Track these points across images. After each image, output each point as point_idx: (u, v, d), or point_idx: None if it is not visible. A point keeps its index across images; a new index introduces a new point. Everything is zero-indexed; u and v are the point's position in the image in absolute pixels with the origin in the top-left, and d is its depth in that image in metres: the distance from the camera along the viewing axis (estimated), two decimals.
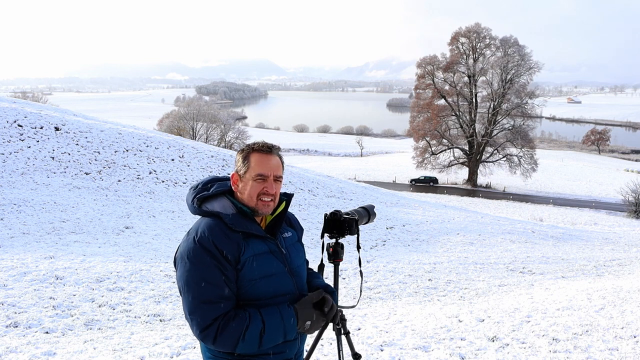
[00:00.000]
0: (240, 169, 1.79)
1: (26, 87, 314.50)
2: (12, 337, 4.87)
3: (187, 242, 1.68)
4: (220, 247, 1.63)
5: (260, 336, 1.61)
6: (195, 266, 1.62)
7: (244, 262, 1.67)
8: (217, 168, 18.79)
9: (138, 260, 8.59)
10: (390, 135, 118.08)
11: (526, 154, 46.16)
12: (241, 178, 1.79)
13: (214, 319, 1.58)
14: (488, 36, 48.30)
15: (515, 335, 5.01)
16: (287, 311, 1.68)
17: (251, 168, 1.77)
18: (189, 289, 1.62)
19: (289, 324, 1.67)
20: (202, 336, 1.60)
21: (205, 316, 1.58)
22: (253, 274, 1.68)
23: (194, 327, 1.61)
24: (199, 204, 1.77)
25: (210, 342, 1.60)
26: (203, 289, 1.60)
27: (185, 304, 1.63)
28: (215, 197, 1.79)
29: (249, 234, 1.71)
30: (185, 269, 1.64)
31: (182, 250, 1.68)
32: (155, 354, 4.45)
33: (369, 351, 4.52)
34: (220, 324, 1.58)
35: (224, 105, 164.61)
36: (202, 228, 1.69)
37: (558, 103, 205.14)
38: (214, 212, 1.73)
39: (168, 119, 56.08)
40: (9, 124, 15.95)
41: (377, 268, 10.04)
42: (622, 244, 16.72)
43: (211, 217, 1.73)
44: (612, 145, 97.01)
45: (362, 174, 50.53)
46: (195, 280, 1.61)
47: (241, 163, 1.79)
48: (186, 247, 1.66)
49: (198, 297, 1.60)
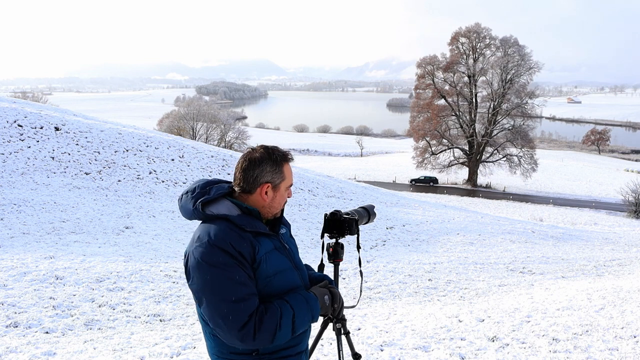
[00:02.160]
0: (275, 180, 1.78)
1: (26, 87, 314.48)
2: (12, 337, 4.87)
3: (201, 248, 1.62)
4: (238, 247, 1.63)
5: (292, 323, 1.65)
6: (218, 268, 1.59)
7: (259, 261, 1.68)
8: (217, 168, 18.79)
9: (138, 260, 8.59)
10: (390, 135, 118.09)
11: (526, 154, 46.16)
12: (274, 188, 1.78)
13: (249, 316, 1.58)
14: (488, 36, 48.31)
15: (515, 335, 5.01)
16: (308, 294, 1.75)
17: (286, 179, 1.81)
18: (216, 292, 1.58)
19: (314, 305, 1.74)
20: (240, 335, 1.56)
21: (240, 314, 1.57)
22: (268, 272, 1.70)
23: (230, 329, 1.57)
24: (202, 208, 1.74)
25: (250, 339, 1.57)
26: (232, 288, 1.58)
27: (213, 310, 1.59)
28: (217, 201, 1.76)
29: (258, 233, 1.72)
30: (207, 275, 1.59)
31: (198, 257, 1.62)
32: (155, 354, 4.45)
33: (369, 351, 4.52)
34: (255, 320, 1.58)
35: (224, 105, 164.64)
36: (214, 232, 1.65)
37: (558, 103, 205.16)
38: (221, 215, 1.71)
39: (168, 119, 56.11)
40: (9, 124, 15.95)
41: (377, 268, 10.04)
42: (622, 244, 16.72)
43: (219, 220, 1.70)
44: (612, 145, 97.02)
45: (362, 174, 50.54)
46: (222, 282, 1.59)
47: (275, 174, 1.78)
48: (203, 253, 1.61)
49: (229, 298, 1.57)
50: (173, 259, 9.12)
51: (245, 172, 1.77)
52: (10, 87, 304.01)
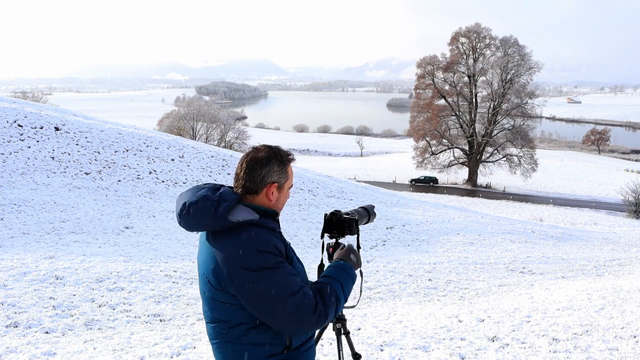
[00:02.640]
0: (281, 179, 1.79)
1: (26, 87, 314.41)
2: (12, 337, 4.87)
3: (252, 258, 1.60)
4: (279, 248, 1.67)
5: (343, 291, 1.76)
6: (274, 270, 1.61)
7: (290, 257, 1.75)
8: (217, 168, 18.78)
9: (138, 260, 8.59)
10: (390, 135, 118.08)
11: (526, 154, 46.16)
12: (279, 188, 1.79)
13: (313, 297, 1.65)
14: (488, 36, 48.31)
15: (515, 335, 5.01)
16: (339, 263, 1.85)
17: (289, 179, 1.83)
18: (282, 291, 1.60)
19: (350, 269, 1.84)
20: (316, 317, 1.63)
21: (308, 300, 1.63)
22: (295, 266, 1.76)
23: (306, 316, 1.61)
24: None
25: (324, 317, 1.65)
26: (293, 282, 1.63)
27: (285, 308, 1.60)
28: (234, 206, 1.72)
29: (278, 232, 1.77)
30: (268, 279, 1.60)
31: (252, 267, 1.60)
32: (155, 354, 4.45)
33: (369, 351, 4.52)
34: (319, 300, 1.66)
35: (224, 105, 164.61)
36: (255, 238, 1.64)
37: (558, 103, 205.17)
38: (248, 220, 1.68)
39: (168, 119, 56.12)
40: (9, 124, 15.95)
41: (377, 268, 10.04)
42: (622, 244, 16.72)
43: (249, 227, 1.67)
44: (612, 145, 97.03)
45: (362, 174, 50.54)
46: (284, 280, 1.61)
47: (282, 174, 1.79)
48: (256, 261, 1.60)
49: (295, 291, 1.61)
50: (173, 259, 9.13)
51: (252, 171, 1.75)
52: (10, 87, 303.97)
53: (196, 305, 6.48)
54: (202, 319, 5.89)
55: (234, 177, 1.82)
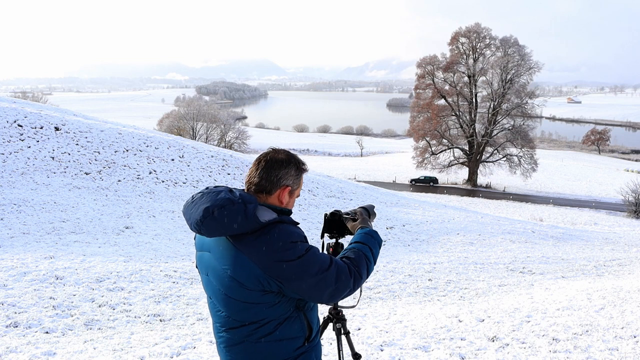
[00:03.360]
0: (294, 185, 1.85)
1: (26, 87, 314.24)
2: (12, 337, 4.87)
3: (290, 250, 1.67)
4: (304, 236, 1.77)
5: (372, 254, 1.90)
6: (309, 253, 1.70)
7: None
8: (217, 168, 18.79)
9: (138, 260, 8.59)
10: (390, 135, 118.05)
11: (526, 154, 46.16)
12: (291, 193, 1.85)
13: (347, 265, 1.78)
14: (488, 36, 48.31)
15: (515, 335, 5.01)
16: (362, 229, 2.01)
17: (301, 185, 1.91)
18: (320, 269, 1.70)
19: (375, 234, 2.00)
20: (353, 280, 1.76)
21: (342, 268, 1.75)
22: None
23: (344, 283, 1.73)
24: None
25: (359, 279, 1.79)
26: (324, 258, 1.74)
27: (325, 282, 1.70)
28: (257, 208, 1.77)
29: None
30: (305, 264, 1.68)
31: (293, 257, 1.67)
32: (155, 354, 4.45)
33: (369, 351, 4.52)
34: (350, 265, 1.80)
35: (224, 105, 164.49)
36: (286, 233, 1.71)
37: (558, 103, 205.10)
38: (274, 219, 1.72)
39: (168, 119, 56.13)
40: (9, 124, 15.95)
41: (377, 268, 10.04)
42: (622, 244, 16.72)
43: (276, 225, 1.71)
44: (612, 145, 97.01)
45: (362, 174, 50.53)
46: (318, 258, 1.72)
47: (296, 180, 1.85)
48: (289, 254, 1.67)
49: (328, 264, 1.72)
50: (173, 259, 9.13)
51: (270, 170, 1.77)
52: (10, 87, 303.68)
53: (196, 305, 6.48)
54: (202, 319, 5.89)
55: (248, 175, 1.82)
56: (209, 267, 1.80)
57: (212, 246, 1.79)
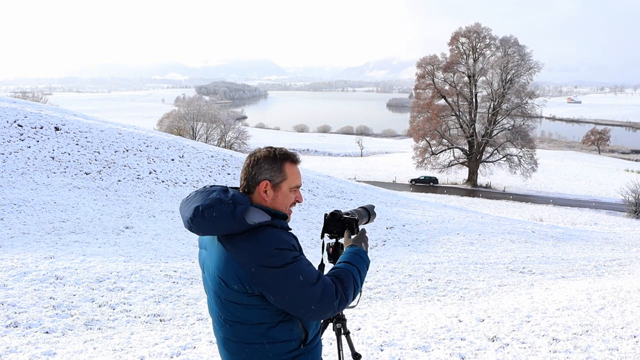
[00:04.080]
0: (275, 178, 1.76)
1: (26, 87, 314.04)
2: (12, 337, 4.87)
3: (273, 257, 1.62)
4: (294, 244, 1.71)
5: (360, 276, 1.82)
6: (295, 264, 1.65)
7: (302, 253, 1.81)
8: (217, 168, 18.79)
9: (138, 260, 8.59)
10: (390, 135, 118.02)
11: (526, 154, 46.16)
12: (274, 187, 1.77)
13: (333, 284, 1.71)
14: (488, 36, 48.31)
15: (515, 335, 5.01)
16: (352, 248, 1.91)
17: (289, 179, 1.78)
18: (304, 282, 1.64)
19: (364, 255, 1.91)
20: (338, 302, 1.69)
21: (329, 286, 1.69)
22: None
23: (328, 302, 1.67)
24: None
25: (344, 301, 1.72)
26: (312, 271, 1.68)
27: (308, 297, 1.64)
28: (248, 209, 1.72)
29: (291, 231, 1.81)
30: (291, 274, 1.63)
31: (276, 265, 1.62)
32: (155, 354, 4.45)
33: (369, 351, 4.52)
34: (338, 285, 1.72)
35: (224, 105, 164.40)
36: (274, 238, 1.66)
37: (558, 103, 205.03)
38: (264, 222, 1.69)
39: (168, 119, 56.13)
40: (9, 124, 15.95)
41: (377, 268, 10.04)
42: (622, 244, 16.72)
43: (265, 228, 1.68)
44: (612, 145, 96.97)
45: (362, 174, 50.53)
46: (305, 270, 1.66)
47: (275, 172, 1.76)
48: (278, 260, 1.62)
49: (315, 279, 1.67)
50: (173, 259, 9.13)
51: (247, 170, 1.77)
52: (10, 87, 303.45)
53: (196, 305, 6.48)
54: (202, 319, 5.89)
55: (240, 178, 1.85)
56: (205, 265, 1.83)
57: (208, 244, 1.81)
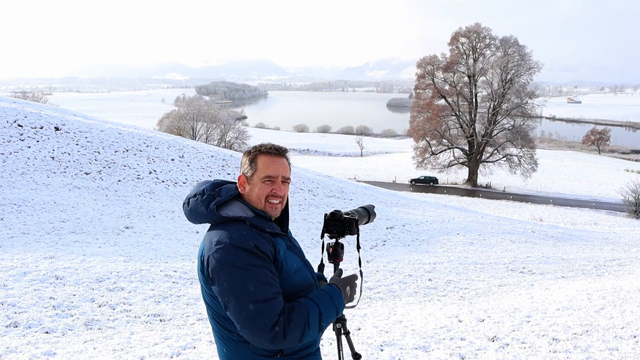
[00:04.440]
0: (247, 171, 1.77)
1: (26, 87, 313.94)
2: (12, 337, 4.87)
3: (224, 251, 1.59)
4: (262, 248, 1.62)
5: (320, 319, 1.64)
6: (243, 270, 1.56)
7: (280, 261, 1.69)
8: (217, 168, 18.79)
9: (138, 260, 8.59)
10: (390, 135, 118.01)
11: (526, 154, 46.16)
12: (248, 180, 1.77)
13: (278, 314, 1.56)
14: (488, 36, 48.30)
15: (515, 335, 5.01)
16: (331, 289, 1.75)
17: (259, 170, 1.75)
18: (243, 294, 1.55)
19: (338, 300, 1.75)
20: (272, 336, 1.54)
21: (270, 315, 1.54)
22: (289, 270, 1.71)
23: (260, 330, 1.54)
24: (217, 210, 1.71)
25: (281, 339, 1.55)
26: (260, 289, 1.56)
27: (240, 310, 1.55)
28: (229, 202, 1.75)
29: (274, 234, 1.73)
30: (233, 277, 1.56)
31: (222, 259, 1.58)
32: (155, 354, 4.45)
33: (369, 351, 4.52)
34: (284, 319, 1.56)
35: (224, 105, 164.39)
36: (235, 234, 1.63)
37: (558, 103, 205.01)
38: (237, 216, 1.69)
39: (168, 119, 56.09)
40: (9, 124, 15.95)
41: (377, 268, 10.04)
42: (622, 244, 16.72)
43: (236, 222, 1.68)
44: (612, 145, 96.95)
45: (362, 174, 50.52)
46: (249, 283, 1.56)
47: (248, 165, 1.78)
48: (226, 255, 1.58)
49: (256, 299, 1.55)
50: (173, 259, 9.13)
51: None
52: (10, 87, 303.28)
53: (196, 305, 6.48)
54: (202, 319, 5.89)
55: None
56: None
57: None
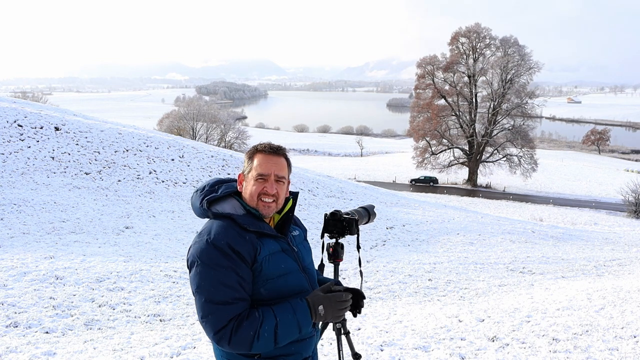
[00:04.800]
0: (245, 169, 1.81)
1: (26, 87, 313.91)
2: (12, 337, 4.87)
3: (199, 244, 1.64)
4: (236, 247, 1.63)
5: (275, 333, 1.60)
6: (209, 268, 1.60)
7: (260, 262, 1.67)
8: (217, 168, 18.79)
9: (138, 260, 8.59)
10: (390, 135, 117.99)
11: (526, 154, 46.16)
12: (245, 178, 1.81)
13: (229, 320, 1.57)
14: (488, 36, 48.31)
15: (515, 335, 5.01)
16: (299, 304, 1.66)
17: (253, 168, 1.77)
18: (202, 291, 1.60)
19: (303, 316, 1.65)
20: (217, 338, 1.58)
21: (220, 317, 1.57)
22: (270, 273, 1.69)
23: (208, 329, 1.59)
24: (208, 206, 1.74)
25: (225, 343, 1.58)
26: (218, 290, 1.59)
27: (198, 306, 1.61)
28: (224, 199, 1.78)
29: (262, 234, 1.72)
30: (198, 271, 1.61)
31: (195, 252, 1.64)
32: (155, 354, 4.45)
33: (369, 351, 4.52)
34: (234, 325, 1.57)
35: (224, 105, 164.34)
36: (215, 229, 1.66)
37: (558, 103, 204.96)
38: (225, 213, 1.72)
39: (168, 119, 56.08)
40: (9, 124, 15.95)
41: (377, 268, 10.04)
42: (622, 244, 16.72)
43: (223, 219, 1.71)
44: (612, 145, 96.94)
45: (362, 174, 50.52)
46: (211, 282, 1.59)
47: (246, 163, 1.81)
48: (199, 249, 1.63)
49: (212, 299, 1.58)
50: (173, 259, 9.13)
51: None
52: (10, 87, 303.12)
53: None
54: None
55: None
56: None
57: None
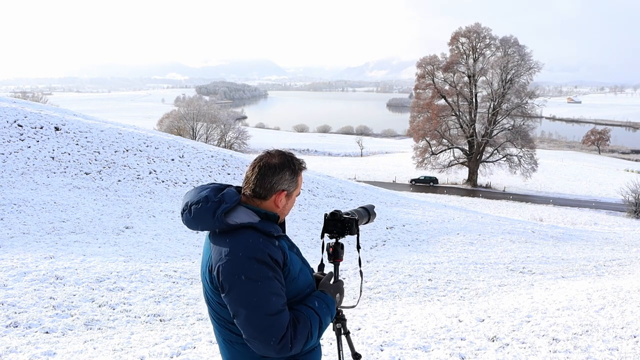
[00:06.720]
0: (291, 188, 1.77)
1: (26, 87, 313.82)
2: (12, 337, 4.87)
3: (235, 261, 1.59)
4: (275, 256, 1.63)
5: (319, 327, 1.72)
6: (255, 282, 1.58)
7: (288, 264, 1.70)
8: (217, 168, 18.79)
9: (138, 260, 8.59)
10: (390, 135, 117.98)
11: (526, 154, 46.17)
12: (288, 196, 1.78)
13: (286, 327, 1.60)
14: (488, 36, 48.31)
15: (515, 335, 5.01)
16: (326, 297, 1.80)
17: (298, 188, 1.81)
18: (255, 306, 1.57)
19: (333, 307, 1.81)
20: (279, 347, 1.58)
21: (279, 327, 1.58)
22: (294, 273, 1.72)
23: (269, 342, 1.57)
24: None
25: (287, 350, 1.60)
26: (271, 302, 1.59)
27: (251, 323, 1.58)
28: (234, 209, 1.71)
29: (279, 236, 1.72)
30: (244, 289, 1.58)
31: (233, 270, 1.59)
32: (155, 354, 4.45)
33: (369, 351, 4.52)
34: (291, 331, 1.61)
35: (224, 105, 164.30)
36: (246, 242, 1.62)
37: (558, 103, 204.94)
38: (246, 223, 1.66)
39: (168, 119, 56.12)
40: (9, 124, 15.95)
41: (377, 268, 10.04)
42: (622, 244, 16.72)
43: (246, 230, 1.66)
44: (612, 145, 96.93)
45: (362, 174, 50.52)
46: (262, 296, 1.58)
47: (293, 183, 1.77)
48: (237, 266, 1.59)
49: (268, 311, 1.58)
50: (173, 259, 9.13)
51: (263, 178, 1.73)
52: (10, 87, 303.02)
53: (196, 305, 6.48)
54: (202, 319, 5.89)
55: (244, 178, 1.80)
56: (201, 261, 1.87)
57: (205, 241, 1.84)
